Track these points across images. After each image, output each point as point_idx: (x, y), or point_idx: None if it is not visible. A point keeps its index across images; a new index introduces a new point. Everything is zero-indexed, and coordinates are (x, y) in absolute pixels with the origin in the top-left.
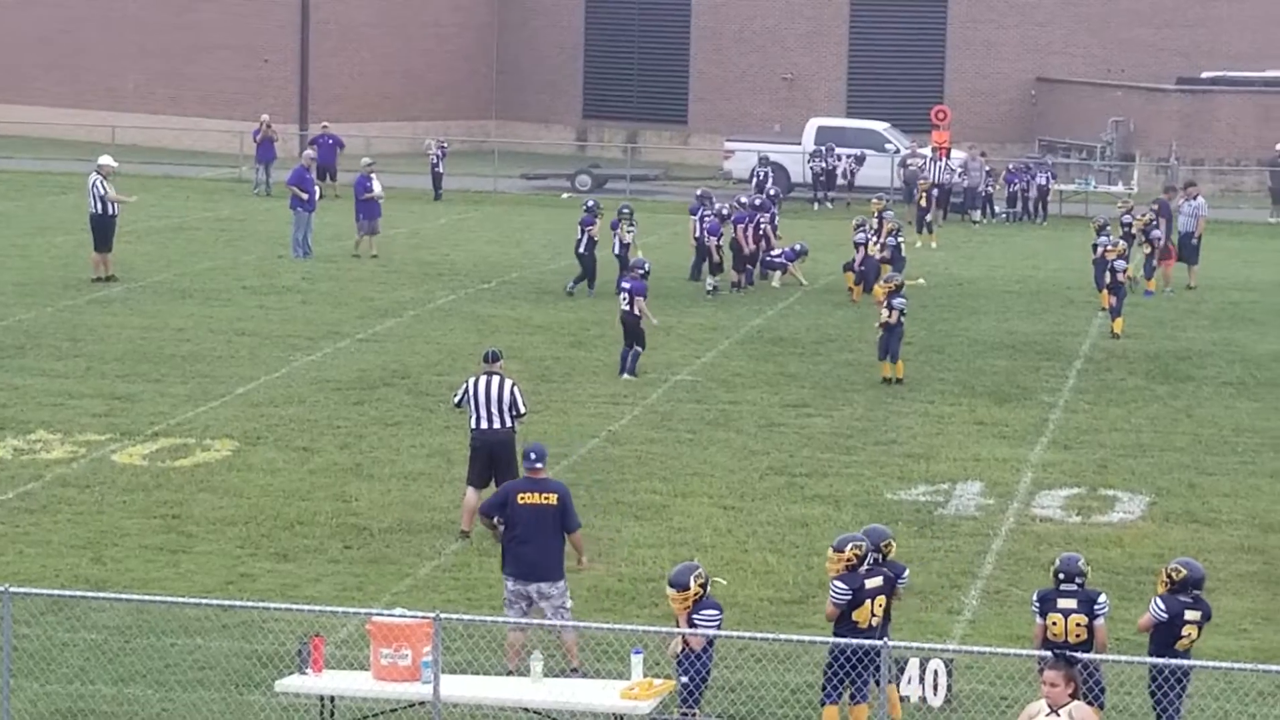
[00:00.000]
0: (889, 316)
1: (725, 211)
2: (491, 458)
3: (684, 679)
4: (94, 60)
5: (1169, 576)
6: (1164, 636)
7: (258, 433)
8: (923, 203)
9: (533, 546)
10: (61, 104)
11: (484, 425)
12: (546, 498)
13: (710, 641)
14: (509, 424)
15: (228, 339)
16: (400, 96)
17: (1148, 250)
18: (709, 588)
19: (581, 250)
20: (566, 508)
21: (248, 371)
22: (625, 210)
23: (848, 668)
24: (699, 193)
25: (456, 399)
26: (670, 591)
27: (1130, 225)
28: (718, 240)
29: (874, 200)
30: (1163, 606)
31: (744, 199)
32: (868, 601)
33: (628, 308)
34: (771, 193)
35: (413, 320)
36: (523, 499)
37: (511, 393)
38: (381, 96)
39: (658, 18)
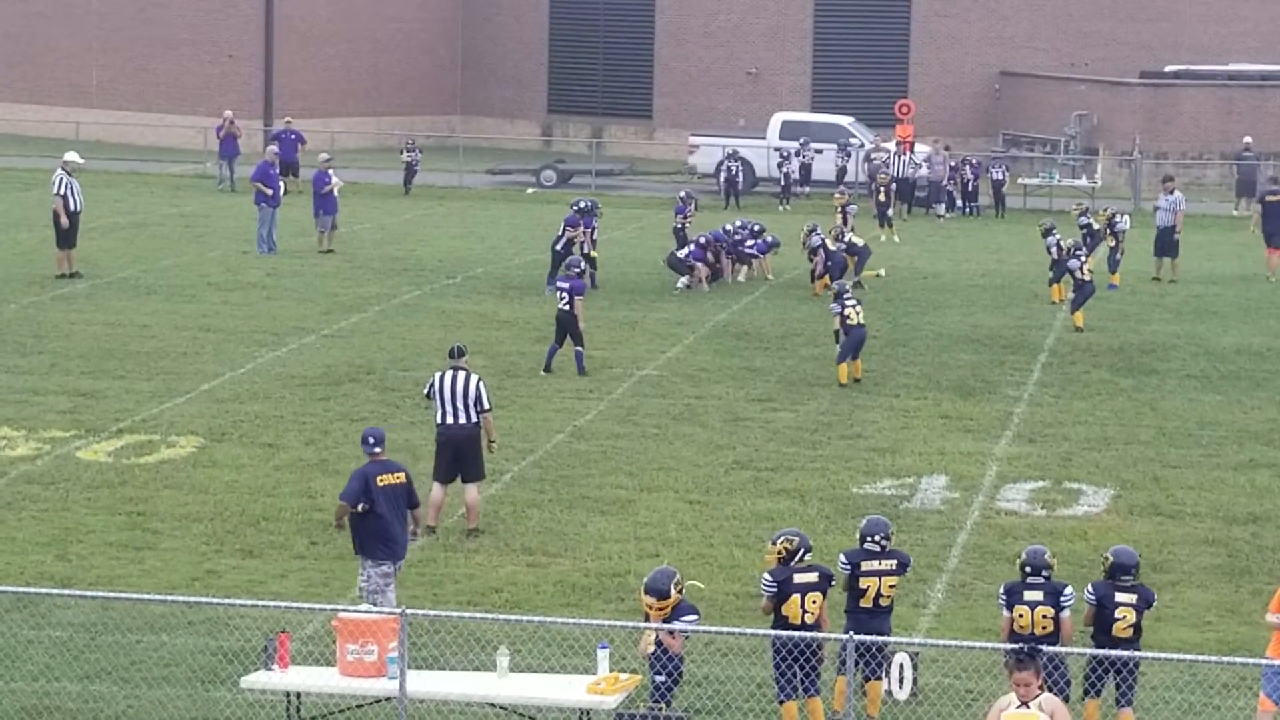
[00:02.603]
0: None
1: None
2: (456, 453)
3: (659, 678)
4: (57, 56)
5: (1102, 564)
6: (1099, 621)
7: (223, 429)
8: (881, 197)
9: (397, 527)
10: (24, 100)
11: (449, 420)
12: (398, 477)
13: (661, 643)
14: (474, 419)
15: (192, 335)
16: (364, 92)
17: (1112, 244)
18: (683, 591)
19: (559, 247)
20: (412, 485)
21: (212, 368)
22: (593, 206)
23: (790, 662)
24: (683, 193)
25: (426, 390)
26: (649, 599)
27: (1089, 225)
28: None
29: (836, 194)
30: (1090, 590)
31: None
32: (796, 596)
33: (566, 306)
34: (758, 231)
35: (378, 316)
36: (383, 481)
37: (477, 388)
38: (346, 92)
39: (622, 12)
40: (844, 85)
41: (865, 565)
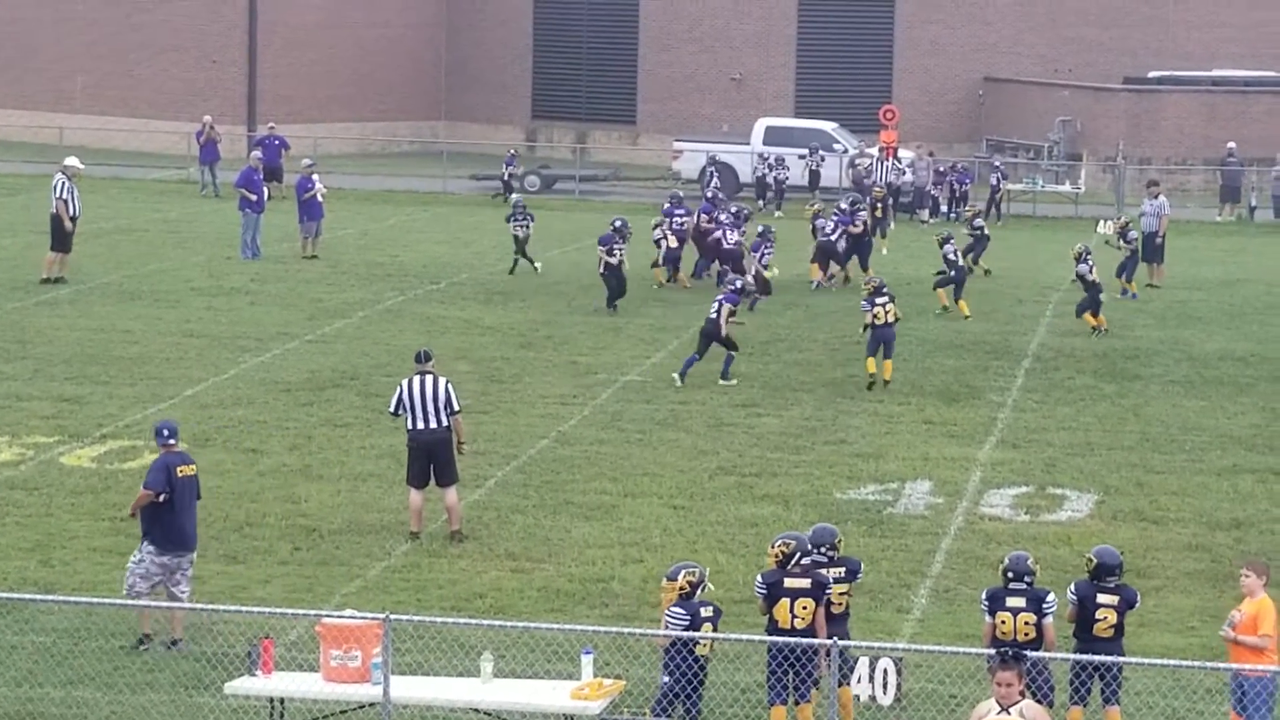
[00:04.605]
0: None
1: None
2: (430, 457)
3: (664, 679)
4: (42, 61)
5: (1085, 565)
6: (1080, 621)
7: (206, 434)
8: (878, 212)
9: (188, 518)
10: (9, 105)
11: (420, 425)
12: (191, 468)
13: (676, 643)
14: (445, 422)
15: (176, 341)
16: (348, 97)
17: (1127, 254)
18: (700, 591)
19: (603, 272)
20: (197, 476)
21: (196, 373)
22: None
23: (784, 667)
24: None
25: (393, 407)
26: (664, 582)
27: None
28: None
29: (807, 206)
30: (1073, 590)
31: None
32: (785, 600)
33: (714, 315)
34: (738, 209)
35: (362, 321)
36: (181, 472)
37: (446, 391)
38: (329, 97)
39: (606, 18)
40: (828, 91)
41: None
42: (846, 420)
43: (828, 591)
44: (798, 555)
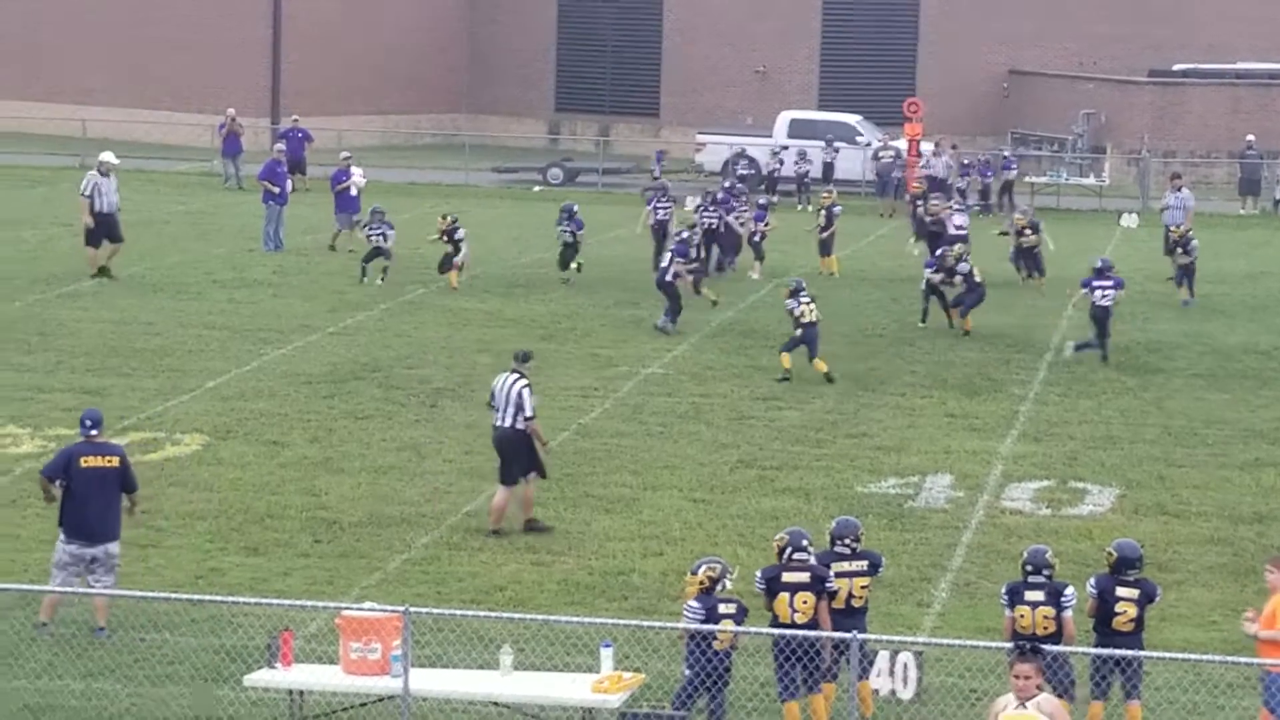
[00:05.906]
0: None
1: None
2: (500, 453)
3: (686, 672)
4: (64, 54)
5: (1106, 559)
6: (1100, 615)
7: (228, 426)
8: (920, 210)
9: (96, 509)
10: (31, 98)
11: (496, 422)
12: (109, 460)
13: (696, 637)
14: (514, 423)
15: (198, 333)
16: (371, 90)
17: (1185, 261)
18: (720, 586)
19: (668, 278)
20: (127, 468)
21: (218, 365)
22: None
23: (790, 661)
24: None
25: (489, 398)
26: (687, 576)
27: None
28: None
29: (823, 194)
30: (1093, 584)
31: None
32: (784, 595)
33: (1110, 302)
34: (761, 202)
35: (383, 314)
36: (85, 462)
37: (519, 394)
38: (352, 90)
39: (629, 11)
40: (852, 84)
41: (835, 567)
42: (868, 413)
43: (828, 584)
44: (789, 549)
